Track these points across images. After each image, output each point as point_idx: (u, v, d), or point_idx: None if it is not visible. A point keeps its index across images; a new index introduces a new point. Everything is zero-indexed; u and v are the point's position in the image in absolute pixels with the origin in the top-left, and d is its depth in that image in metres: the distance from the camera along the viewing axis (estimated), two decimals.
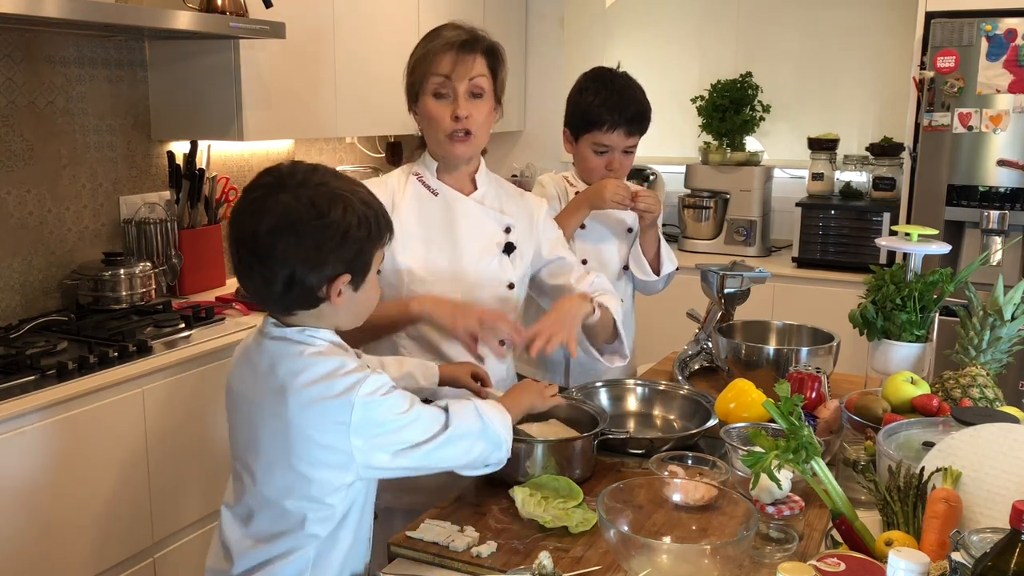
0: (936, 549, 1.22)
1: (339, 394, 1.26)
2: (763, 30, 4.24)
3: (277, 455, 1.30)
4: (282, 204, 1.24)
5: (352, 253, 1.28)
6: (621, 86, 2.20)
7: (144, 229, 2.89)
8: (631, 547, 1.21)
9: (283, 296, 1.28)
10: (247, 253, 1.27)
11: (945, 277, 1.99)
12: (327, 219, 1.25)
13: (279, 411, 1.28)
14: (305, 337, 1.32)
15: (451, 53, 1.72)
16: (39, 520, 2.05)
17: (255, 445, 1.34)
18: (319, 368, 1.28)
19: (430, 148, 1.83)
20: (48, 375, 2.15)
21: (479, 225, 1.83)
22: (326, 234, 1.25)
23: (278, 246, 1.24)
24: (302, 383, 1.27)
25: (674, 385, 2.03)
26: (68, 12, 2.14)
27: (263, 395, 1.31)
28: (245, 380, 1.37)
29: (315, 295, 1.28)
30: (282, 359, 1.30)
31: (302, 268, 1.25)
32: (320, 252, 1.25)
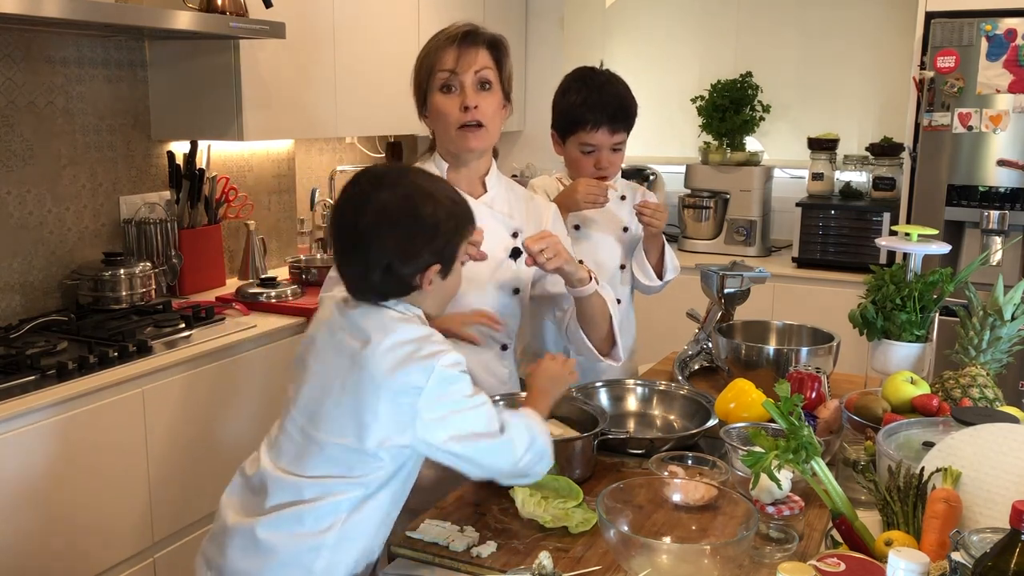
0: (936, 549, 1.22)
1: (423, 357, 1.32)
2: (763, 30, 4.24)
3: (346, 402, 1.34)
4: (381, 200, 1.35)
5: (442, 244, 1.39)
6: (601, 83, 2.19)
7: (144, 229, 2.89)
8: (631, 547, 1.21)
9: (380, 284, 1.38)
10: (348, 244, 1.38)
11: (945, 277, 1.99)
12: (422, 213, 1.36)
13: (360, 359, 1.33)
14: (401, 308, 1.40)
15: (454, 47, 1.73)
16: (39, 520, 2.05)
17: (327, 392, 1.37)
18: (409, 332, 1.35)
19: (441, 147, 1.83)
20: (48, 375, 2.15)
21: (487, 229, 1.82)
22: (420, 227, 1.36)
23: (377, 239, 1.35)
24: (390, 341, 1.32)
25: (674, 385, 2.03)
26: (68, 12, 2.14)
27: (349, 345, 1.36)
28: (330, 336, 1.40)
29: (408, 284, 1.38)
30: (373, 317, 1.37)
31: (398, 259, 1.35)
32: (414, 244, 1.36)
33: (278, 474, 1.38)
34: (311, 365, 1.41)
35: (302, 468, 1.37)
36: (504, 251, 1.83)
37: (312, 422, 1.37)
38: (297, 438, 1.39)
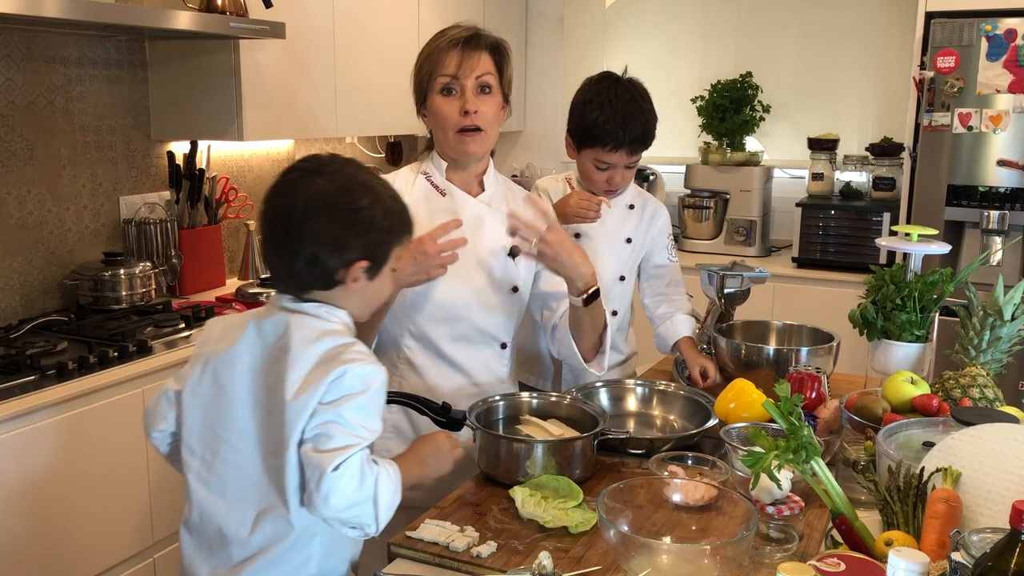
0: (936, 549, 1.22)
1: (337, 363, 1.28)
2: (763, 30, 4.24)
3: (278, 429, 1.29)
4: (316, 186, 1.32)
5: (373, 242, 1.34)
6: (626, 101, 2.12)
7: (144, 229, 2.89)
8: (631, 547, 1.21)
9: (302, 274, 1.33)
10: (278, 229, 1.34)
11: (945, 277, 1.99)
12: (356, 205, 1.32)
13: (280, 378, 1.29)
14: (323, 312, 1.35)
15: (456, 51, 1.72)
16: (39, 520, 2.05)
17: (256, 423, 1.33)
18: (329, 343, 1.31)
19: (439, 148, 1.83)
20: (48, 375, 2.15)
21: (485, 227, 1.82)
22: (353, 219, 1.32)
23: (307, 225, 1.30)
24: (311, 354, 1.29)
25: (674, 385, 2.03)
26: (68, 12, 2.14)
27: (270, 364, 1.32)
28: (251, 355, 1.35)
29: (332, 277, 1.33)
30: (296, 329, 1.33)
31: (325, 249, 1.31)
32: (344, 236, 1.32)
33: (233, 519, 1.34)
34: (228, 383, 1.35)
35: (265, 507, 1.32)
36: (502, 249, 1.83)
37: (258, 451, 1.32)
38: (239, 461, 1.34)
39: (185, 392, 1.39)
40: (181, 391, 1.40)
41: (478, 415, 1.68)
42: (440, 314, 1.77)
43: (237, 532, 1.34)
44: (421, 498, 1.68)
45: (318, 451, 1.25)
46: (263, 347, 1.34)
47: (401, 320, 1.78)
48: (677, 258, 2.41)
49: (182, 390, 1.40)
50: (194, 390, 1.38)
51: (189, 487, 1.40)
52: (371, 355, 1.34)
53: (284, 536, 1.33)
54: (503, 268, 1.83)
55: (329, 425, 1.26)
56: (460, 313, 1.79)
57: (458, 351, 1.81)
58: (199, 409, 1.38)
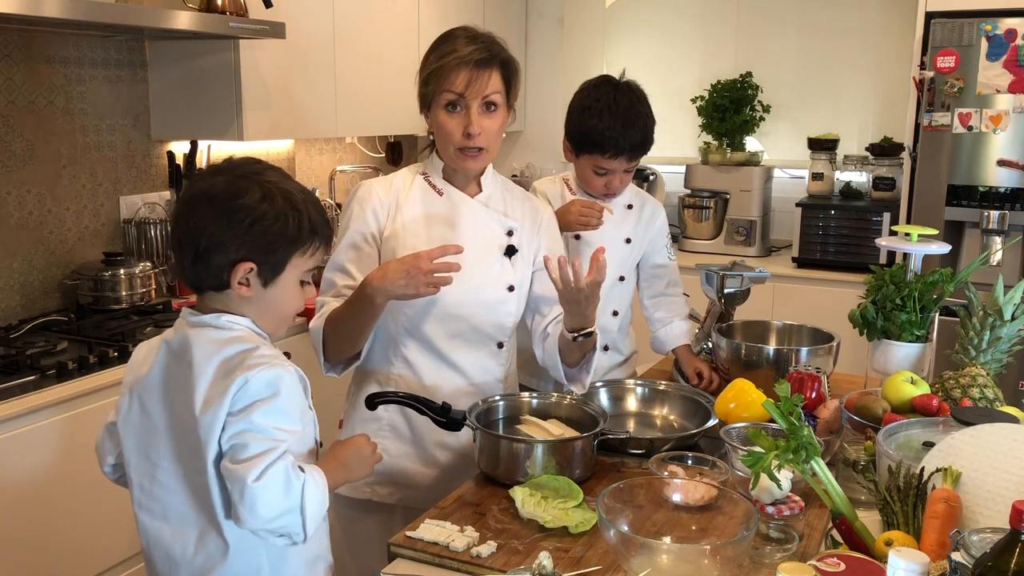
0: (936, 549, 1.22)
1: (239, 371, 1.25)
2: (763, 30, 4.24)
3: (196, 445, 1.28)
4: (209, 183, 1.30)
5: (260, 243, 1.29)
6: (626, 108, 2.11)
7: (144, 229, 2.89)
8: (631, 547, 1.21)
9: (191, 270, 1.31)
10: (172, 223, 1.37)
11: (945, 277, 1.99)
12: (239, 201, 1.28)
13: (188, 395, 1.27)
14: (222, 323, 1.32)
15: (465, 71, 1.70)
16: (39, 520, 2.05)
17: (177, 443, 1.31)
18: (230, 351, 1.28)
19: (439, 153, 1.83)
20: (48, 375, 2.15)
21: (482, 227, 1.83)
22: (235, 215, 1.27)
23: (189, 217, 1.29)
24: (212, 366, 1.27)
25: (674, 385, 2.03)
26: (68, 12, 2.14)
27: (178, 383, 1.30)
28: (165, 375, 1.34)
29: (220, 277, 1.30)
30: (196, 343, 1.30)
31: (206, 242, 1.28)
32: (224, 231, 1.28)
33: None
34: (151, 407, 1.34)
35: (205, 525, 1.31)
36: (499, 248, 1.83)
37: (176, 461, 1.31)
38: (171, 484, 1.33)
39: (119, 422, 1.38)
40: (116, 422, 1.40)
41: (478, 415, 1.68)
42: (436, 313, 1.77)
43: (183, 555, 1.33)
44: (420, 498, 1.68)
45: (236, 462, 1.22)
46: (171, 365, 1.33)
47: (397, 319, 1.77)
48: (675, 258, 2.41)
49: (117, 420, 1.39)
50: (125, 419, 1.37)
51: (137, 518, 1.39)
52: (277, 357, 1.30)
53: (223, 554, 1.31)
54: (500, 268, 1.83)
55: (243, 435, 1.23)
56: (456, 312, 1.78)
57: (455, 350, 1.80)
58: (132, 437, 1.37)
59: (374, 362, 1.81)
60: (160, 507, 1.35)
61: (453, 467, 1.80)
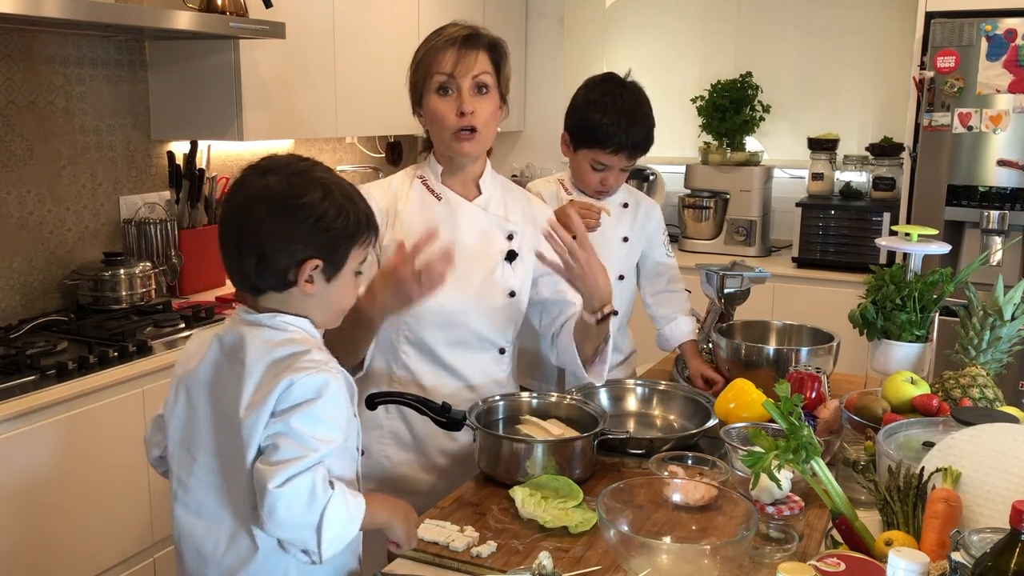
0: (936, 549, 1.22)
1: (285, 373, 1.24)
2: (763, 30, 4.24)
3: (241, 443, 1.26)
4: (263, 183, 1.28)
5: (325, 240, 1.29)
6: (631, 106, 2.12)
7: (144, 229, 2.89)
8: (631, 547, 1.21)
9: (254, 273, 1.29)
10: (227, 227, 1.31)
11: (945, 277, 1.99)
12: (301, 200, 1.27)
13: (236, 394, 1.26)
14: (277, 323, 1.31)
15: (453, 50, 1.70)
16: (39, 520, 2.05)
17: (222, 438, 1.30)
18: (282, 352, 1.27)
19: (436, 149, 1.82)
20: (48, 375, 2.15)
21: (482, 232, 1.81)
22: (299, 215, 1.27)
23: (251, 221, 1.27)
24: (262, 367, 1.26)
25: (674, 385, 2.03)
26: (68, 12, 2.14)
27: (230, 380, 1.29)
28: (214, 371, 1.33)
29: (285, 277, 1.29)
30: (251, 342, 1.29)
31: (272, 245, 1.26)
32: (291, 231, 1.27)
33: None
34: (197, 402, 1.33)
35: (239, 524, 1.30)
36: (499, 253, 1.82)
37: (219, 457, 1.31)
38: (210, 480, 1.32)
39: (165, 413, 1.39)
40: (163, 414, 1.40)
41: (478, 415, 1.68)
42: (437, 320, 1.76)
43: (213, 552, 1.32)
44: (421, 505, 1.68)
45: (265, 464, 1.21)
46: (222, 362, 1.32)
47: (398, 327, 1.76)
48: (673, 255, 2.42)
49: (165, 412, 1.39)
50: (171, 411, 1.37)
51: (172, 509, 1.38)
52: (327, 363, 1.28)
53: (252, 555, 1.30)
54: (500, 273, 1.82)
55: (277, 437, 1.22)
56: (457, 319, 1.77)
57: (456, 357, 1.80)
58: (176, 429, 1.36)
59: (374, 368, 1.80)
60: (195, 502, 1.34)
61: (454, 472, 1.80)
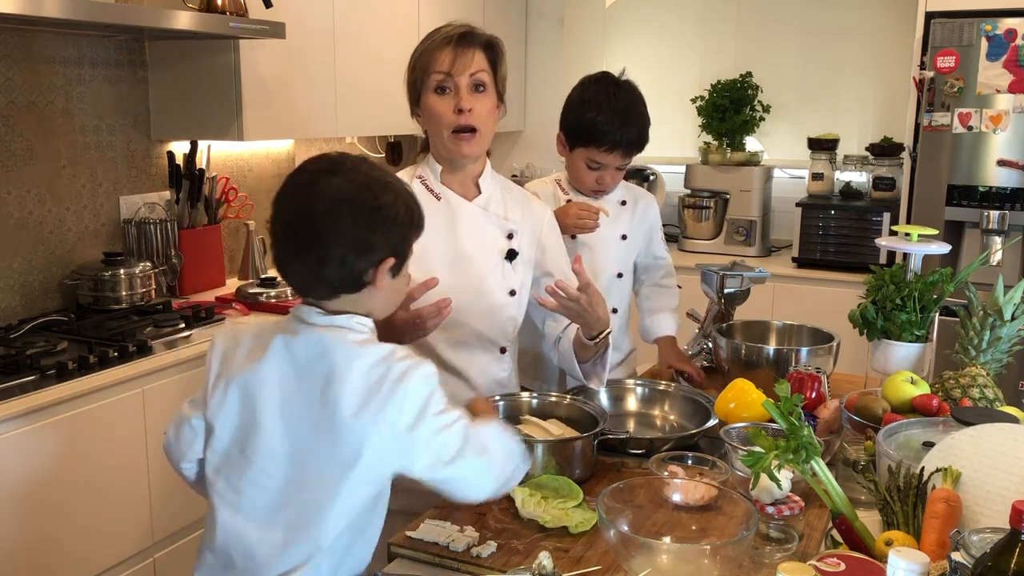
0: (936, 549, 1.22)
1: (395, 381, 1.24)
2: (763, 30, 4.24)
3: (318, 449, 1.26)
4: (335, 186, 1.27)
5: (398, 238, 1.31)
6: (625, 104, 2.12)
7: (144, 229, 2.89)
8: (631, 547, 1.21)
9: (333, 278, 1.28)
10: (301, 233, 1.28)
11: (945, 277, 1.99)
12: (379, 202, 1.28)
13: (329, 397, 1.25)
14: (354, 324, 1.31)
15: (450, 48, 1.71)
16: (39, 520, 2.05)
17: (292, 444, 1.28)
18: (374, 353, 1.27)
19: (434, 150, 1.81)
20: (48, 375, 2.15)
21: (481, 231, 1.82)
22: (378, 216, 1.28)
23: (333, 226, 1.26)
24: (359, 369, 1.25)
25: (674, 385, 2.03)
26: (68, 12, 2.14)
27: (307, 384, 1.27)
28: (281, 373, 1.30)
29: (362, 279, 1.29)
30: (335, 346, 1.28)
31: (354, 249, 1.27)
32: (373, 234, 1.28)
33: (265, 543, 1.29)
34: (258, 404, 1.30)
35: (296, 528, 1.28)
36: (499, 253, 1.82)
37: (291, 473, 1.28)
38: (269, 484, 1.29)
39: (209, 414, 1.34)
40: (205, 415, 1.35)
41: None
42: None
43: (268, 555, 1.29)
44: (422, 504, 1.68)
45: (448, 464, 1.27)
46: (296, 366, 1.29)
47: None
48: (667, 252, 2.45)
49: (206, 414, 1.35)
50: (219, 410, 1.33)
51: (214, 510, 1.34)
52: (410, 353, 1.30)
53: (309, 558, 1.28)
54: (500, 272, 1.82)
55: (434, 439, 1.25)
56: (458, 318, 1.77)
57: (457, 357, 1.80)
58: (226, 430, 1.33)
59: None
60: (248, 504, 1.31)
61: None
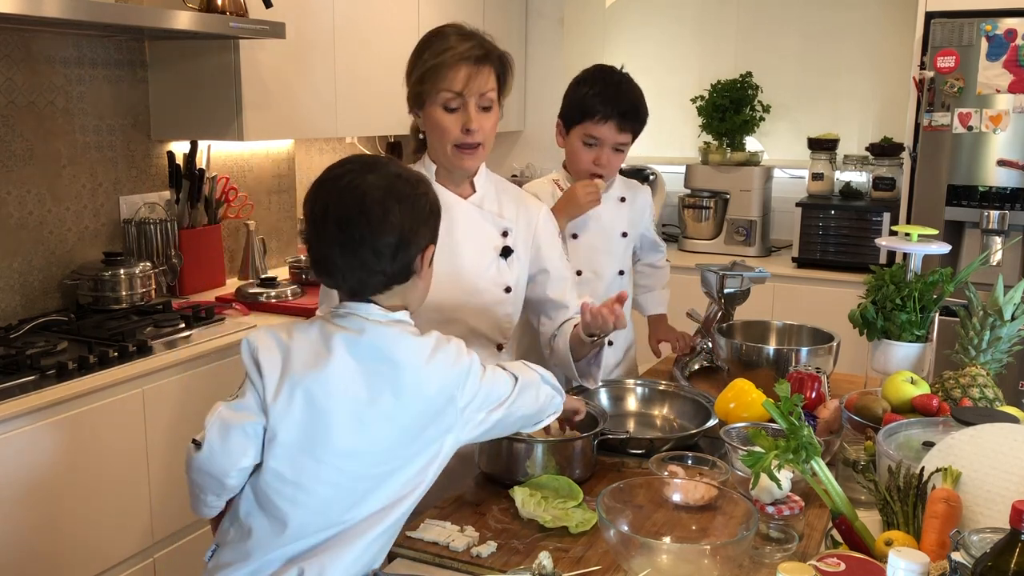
0: (936, 549, 1.22)
1: (455, 360, 1.34)
2: (763, 30, 4.24)
3: (392, 443, 1.31)
4: (377, 180, 1.32)
5: (434, 225, 1.39)
6: (618, 81, 2.19)
7: (144, 229, 2.89)
8: (631, 547, 1.21)
9: (387, 270, 1.33)
10: (353, 229, 1.30)
11: (945, 277, 1.99)
12: (417, 191, 1.35)
13: (400, 385, 1.30)
14: (408, 318, 1.38)
15: (464, 69, 1.69)
16: (39, 520, 2.05)
17: (366, 442, 1.30)
18: (428, 342, 1.34)
19: (432, 153, 1.81)
20: (48, 375, 2.15)
21: (476, 229, 1.82)
22: (421, 203, 1.35)
23: (387, 215, 1.31)
24: (424, 359, 1.32)
25: (674, 385, 2.03)
26: (68, 12, 2.14)
27: (378, 379, 1.30)
28: (348, 372, 1.31)
29: (411, 267, 1.35)
30: (398, 341, 1.33)
31: (407, 236, 1.32)
32: (419, 220, 1.34)
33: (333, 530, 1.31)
34: (329, 406, 1.29)
35: (354, 507, 1.31)
36: (494, 250, 1.83)
37: (358, 460, 1.30)
38: (342, 482, 1.31)
39: (273, 419, 1.31)
40: (261, 421, 1.32)
41: None
42: (433, 317, 1.75)
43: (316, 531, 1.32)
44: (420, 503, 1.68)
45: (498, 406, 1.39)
46: (363, 363, 1.31)
47: None
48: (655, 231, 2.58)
49: (265, 419, 1.32)
50: (284, 415, 1.31)
51: (277, 508, 1.31)
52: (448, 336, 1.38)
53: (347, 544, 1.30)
54: (495, 269, 1.82)
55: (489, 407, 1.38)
56: (454, 315, 1.78)
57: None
58: (292, 434, 1.31)
59: None
60: (318, 503, 1.31)
61: (455, 471, 1.80)
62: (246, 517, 1.34)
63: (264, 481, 1.32)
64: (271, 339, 1.34)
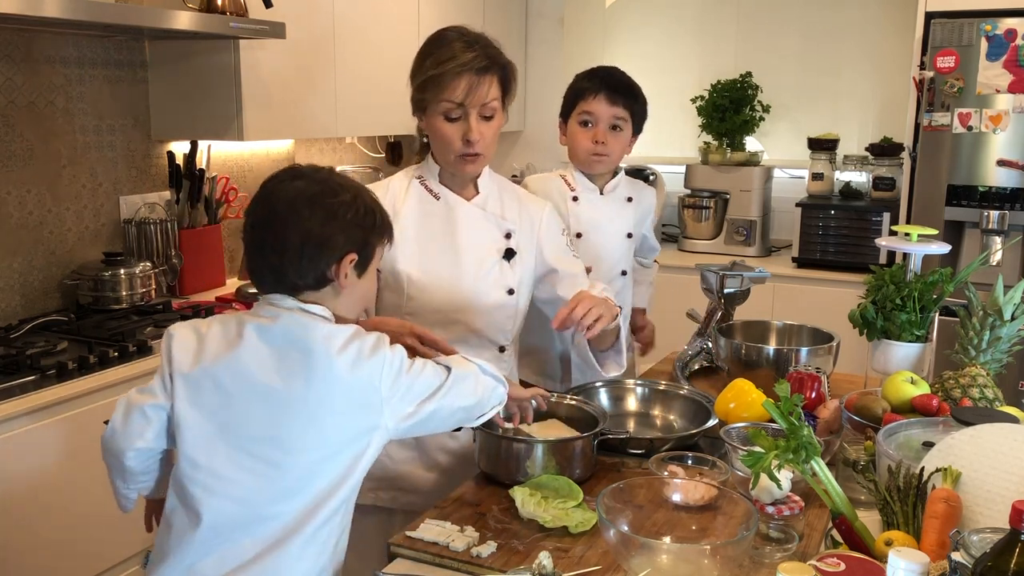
0: (936, 549, 1.22)
1: (371, 351, 1.31)
2: (763, 30, 4.24)
3: (304, 416, 1.29)
4: (297, 187, 1.34)
5: (359, 236, 1.36)
6: (612, 68, 2.25)
7: (144, 229, 2.89)
8: (631, 547, 1.21)
9: (296, 271, 1.33)
10: (262, 232, 1.34)
11: (945, 277, 1.99)
12: (338, 199, 1.34)
13: (311, 369, 1.29)
14: (321, 311, 1.36)
15: (466, 79, 1.68)
16: (39, 520, 2.05)
17: (277, 410, 1.30)
18: (345, 331, 1.32)
19: (435, 157, 1.83)
20: (48, 375, 2.15)
21: (479, 230, 1.82)
22: (337, 212, 1.33)
23: (293, 219, 1.31)
24: (337, 346, 1.30)
25: (674, 385, 2.03)
26: (68, 12, 2.14)
27: (288, 363, 1.30)
28: (259, 357, 1.31)
29: (324, 275, 1.34)
30: (310, 328, 1.31)
31: (314, 242, 1.32)
32: (331, 227, 1.33)
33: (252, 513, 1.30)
34: (238, 390, 1.31)
35: (278, 500, 1.30)
36: (497, 252, 1.83)
37: (274, 446, 1.29)
38: (259, 469, 1.30)
39: (179, 405, 1.33)
40: (171, 406, 1.34)
41: None
42: (436, 318, 1.76)
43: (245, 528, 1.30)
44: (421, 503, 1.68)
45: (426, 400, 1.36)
46: (274, 348, 1.31)
47: None
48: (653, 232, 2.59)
49: (174, 405, 1.34)
50: (192, 401, 1.33)
51: (192, 498, 1.32)
52: (378, 335, 1.36)
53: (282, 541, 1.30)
54: (498, 271, 1.82)
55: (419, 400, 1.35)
56: (456, 317, 1.78)
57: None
58: (202, 419, 1.32)
59: None
60: (240, 491, 1.31)
61: (455, 471, 1.80)
62: (170, 513, 1.35)
63: (179, 469, 1.34)
64: (189, 330, 1.38)
